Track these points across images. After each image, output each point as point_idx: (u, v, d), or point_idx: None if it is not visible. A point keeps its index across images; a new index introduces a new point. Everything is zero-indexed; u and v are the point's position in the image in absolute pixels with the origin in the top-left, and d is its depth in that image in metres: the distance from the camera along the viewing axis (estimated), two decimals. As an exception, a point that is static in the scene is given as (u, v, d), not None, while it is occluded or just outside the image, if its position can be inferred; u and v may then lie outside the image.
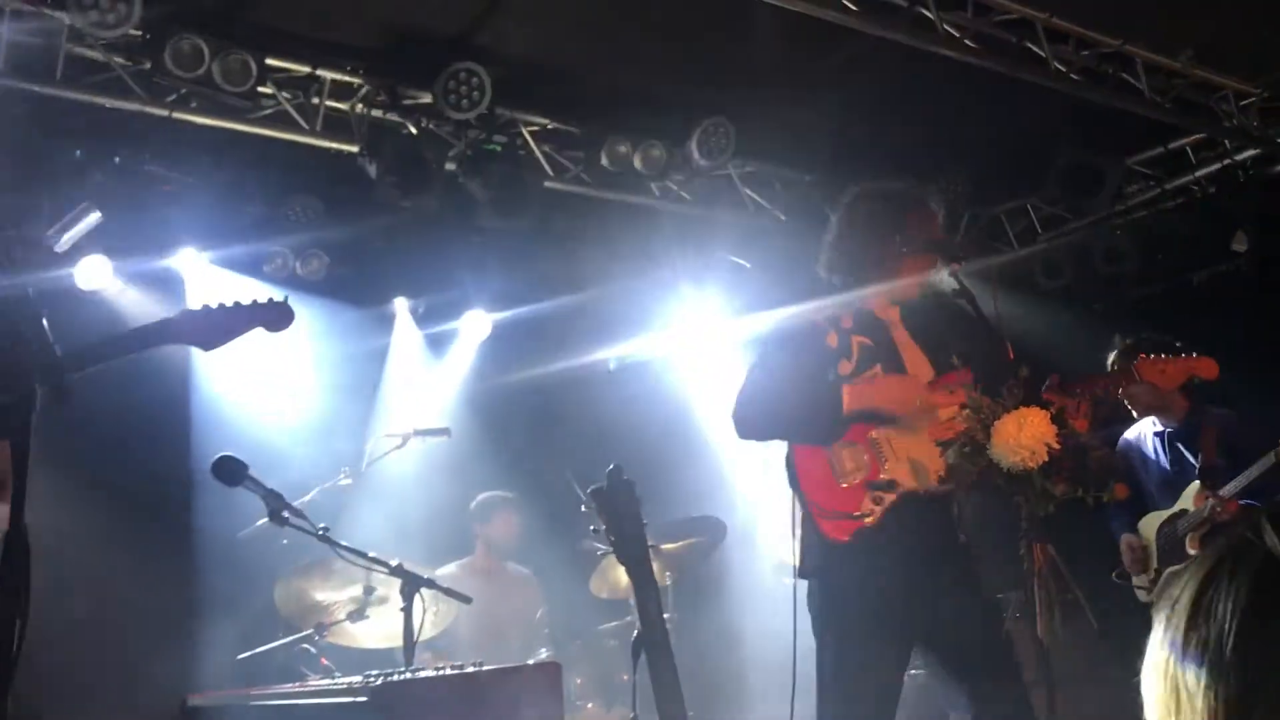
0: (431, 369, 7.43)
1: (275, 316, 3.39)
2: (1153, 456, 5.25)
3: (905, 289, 3.59)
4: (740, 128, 5.93)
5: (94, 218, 5.20)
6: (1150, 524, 5.12)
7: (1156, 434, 5.24)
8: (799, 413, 3.41)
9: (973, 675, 3.40)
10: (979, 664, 3.41)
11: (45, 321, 2.44)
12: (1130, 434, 5.36)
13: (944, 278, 3.64)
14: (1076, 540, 4.50)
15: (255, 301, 3.42)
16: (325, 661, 5.11)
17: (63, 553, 4.60)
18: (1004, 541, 3.69)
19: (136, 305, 6.22)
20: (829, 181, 6.64)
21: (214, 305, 3.36)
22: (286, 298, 3.48)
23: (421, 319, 7.34)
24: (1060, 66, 5.42)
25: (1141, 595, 5.10)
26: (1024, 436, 3.36)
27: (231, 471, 3.55)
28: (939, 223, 3.69)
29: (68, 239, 5.27)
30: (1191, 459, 5.09)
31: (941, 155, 6.40)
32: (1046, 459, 3.40)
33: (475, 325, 7.44)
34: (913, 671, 4.57)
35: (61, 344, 2.50)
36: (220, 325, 3.31)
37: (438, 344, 7.46)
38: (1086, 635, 5.24)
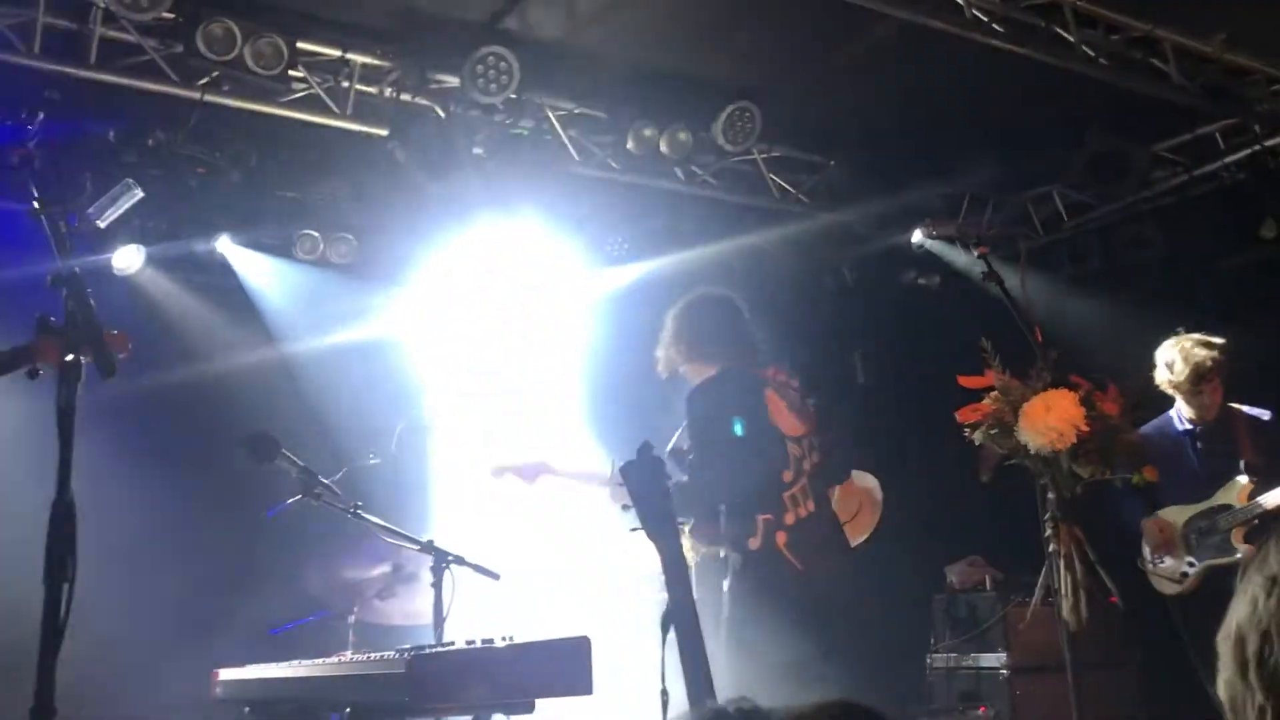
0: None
1: None
2: (1179, 451, 5.19)
3: None
4: (765, 112, 5.93)
5: (135, 195, 5.26)
6: (1174, 515, 5.08)
7: (1185, 430, 5.20)
8: None
9: None
10: None
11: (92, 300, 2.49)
12: (1154, 424, 5.31)
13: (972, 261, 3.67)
14: (1099, 524, 4.49)
15: None
16: (353, 638, 5.17)
17: (101, 524, 4.67)
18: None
19: (165, 287, 6.29)
20: (853, 167, 6.65)
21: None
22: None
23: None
24: (1089, 51, 5.39)
25: (1169, 588, 5.04)
26: (1052, 418, 3.39)
27: (265, 448, 3.60)
28: None
29: (109, 215, 5.34)
30: (1224, 456, 5.07)
31: (967, 141, 6.38)
32: (1074, 441, 3.44)
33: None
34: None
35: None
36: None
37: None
38: (1112, 619, 5.20)
